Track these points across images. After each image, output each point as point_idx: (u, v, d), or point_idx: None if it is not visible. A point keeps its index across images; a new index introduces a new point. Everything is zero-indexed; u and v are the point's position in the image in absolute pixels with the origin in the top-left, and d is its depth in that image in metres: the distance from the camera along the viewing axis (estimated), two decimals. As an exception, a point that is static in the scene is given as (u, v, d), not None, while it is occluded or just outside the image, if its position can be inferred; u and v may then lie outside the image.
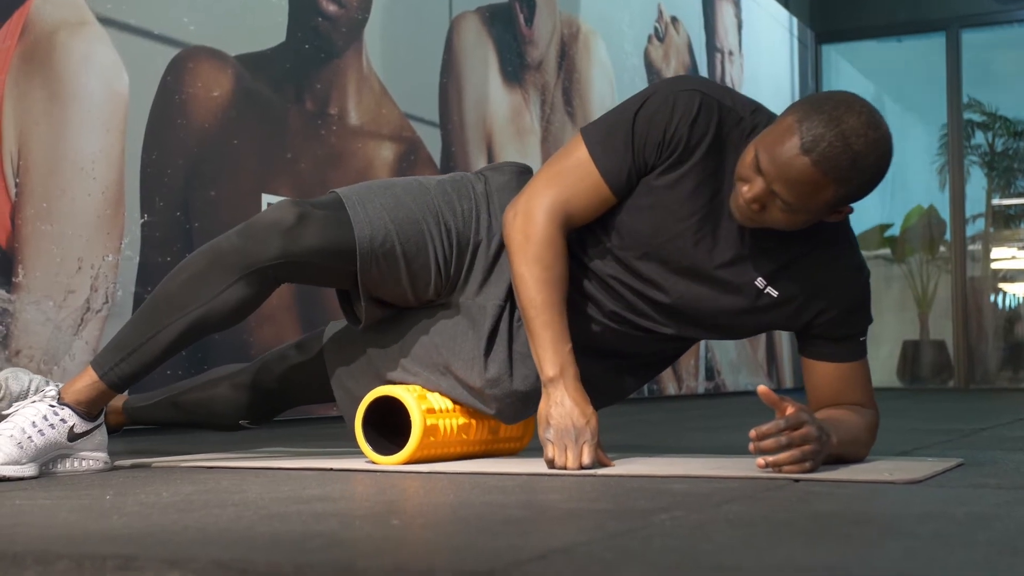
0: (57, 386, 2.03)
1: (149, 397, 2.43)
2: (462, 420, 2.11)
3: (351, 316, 2.16)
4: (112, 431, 2.43)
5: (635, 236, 2.02)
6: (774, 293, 2.01)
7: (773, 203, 1.87)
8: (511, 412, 2.12)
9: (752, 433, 1.76)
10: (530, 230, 1.98)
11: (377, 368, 2.14)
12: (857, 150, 1.79)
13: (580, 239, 2.05)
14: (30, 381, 2.09)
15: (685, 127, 1.95)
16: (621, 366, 2.17)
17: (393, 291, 2.09)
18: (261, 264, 1.98)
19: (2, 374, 2.08)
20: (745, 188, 1.88)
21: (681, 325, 2.08)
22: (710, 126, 1.96)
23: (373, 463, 2.04)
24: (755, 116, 1.99)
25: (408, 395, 2.04)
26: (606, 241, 2.05)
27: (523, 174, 2.20)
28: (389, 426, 2.10)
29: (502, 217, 2.08)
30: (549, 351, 1.95)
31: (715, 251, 2.00)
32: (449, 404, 2.10)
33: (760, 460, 1.76)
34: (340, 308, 2.18)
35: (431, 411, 2.05)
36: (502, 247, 2.11)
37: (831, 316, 2.03)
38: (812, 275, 2.02)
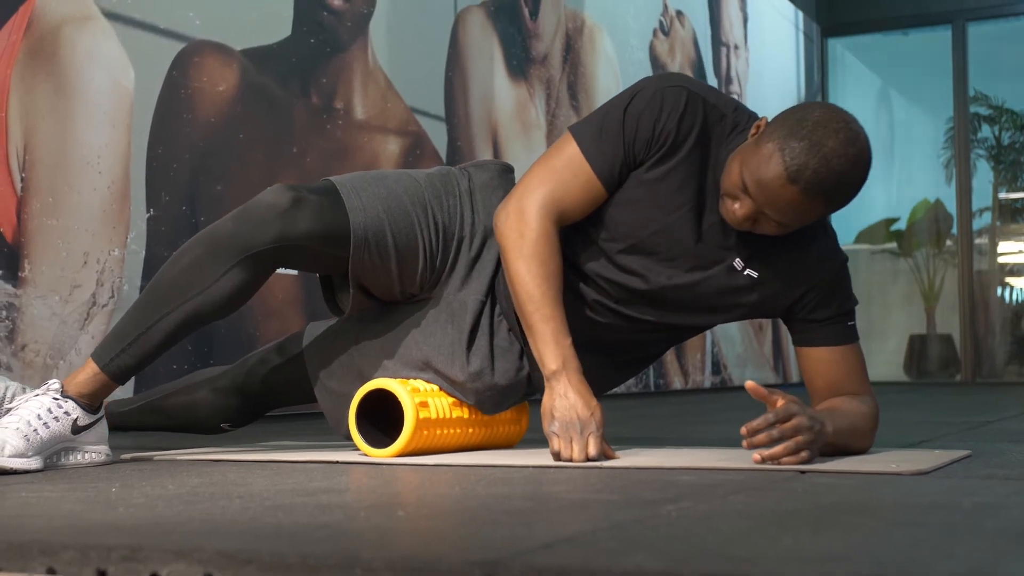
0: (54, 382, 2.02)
1: (129, 402, 2.41)
2: (452, 400, 2.12)
3: (333, 306, 2.18)
4: None
5: (623, 229, 2.04)
6: (753, 274, 2.05)
7: (765, 219, 1.93)
8: (491, 404, 2.15)
9: (743, 430, 1.77)
10: (524, 227, 1.99)
11: (358, 368, 2.16)
12: (841, 171, 1.84)
13: (563, 234, 2.06)
14: (6, 388, 2.06)
15: (673, 122, 1.99)
16: (606, 363, 2.18)
17: (381, 282, 2.10)
18: (258, 248, 1.98)
19: None
20: (736, 206, 1.93)
21: (662, 311, 2.10)
22: (696, 121, 2.00)
23: (370, 457, 2.04)
24: (736, 114, 2.04)
25: (396, 384, 2.05)
26: (592, 235, 2.07)
27: (505, 173, 2.23)
28: (382, 422, 2.10)
29: (492, 217, 2.10)
30: (551, 345, 1.95)
31: (699, 243, 2.04)
32: (437, 389, 2.12)
33: (756, 455, 1.78)
34: (323, 298, 2.19)
35: (417, 390, 2.06)
36: (483, 245, 2.14)
37: (811, 299, 2.07)
38: (789, 257, 2.05)
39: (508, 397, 2.16)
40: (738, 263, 2.04)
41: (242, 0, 3.59)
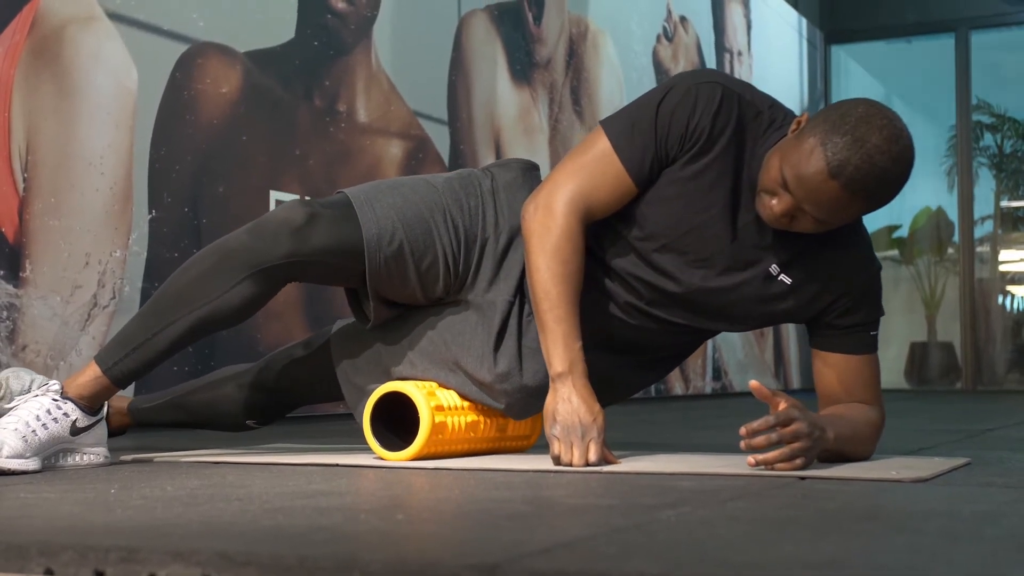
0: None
1: (154, 398, 2.42)
2: (471, 418, 2.10)
3: (360, 315, 2.15)
4: (117, 433, 2.43)
5: (656, 228, 2.01)
6: (787, 280, 2.02)
7: (803, 216, 1.89)
8: (520, 407, 2.11)
9: (742, 430, 1.76)
10: (550, 223, 1.96)
11: (386, 365, 2.13)
12: (883, 168, 1.81)
13: (595, 232, 2.04)
14: (31, 381, 2.08)
15: (708, 118, 1.95)
16: (634, 363, 2.17)
17: (402, 290, 2.08)
18: (269, 263, 1.98)
19: (3, 373, 2.08)
20: (774, 202, 1.89)
21: (693, 315, 2.07)
22: (731, 118, 1.96)
23: (381, 459, 2.04)
24: (772, 111, 2.00)
25: (417, 391, 2.04)
26: (625, 233, 2.04)
27: (530, 171, 2.20)
28: (398, 422, 2.10)
29: (520, 211, 2.07)
30: (560, 346, 1.94)
31: (733, 242, 2.01)
32: (458, 401, 2.10)
33: (751, 459, 1.77)
34: (349, 306, 2.17)
35: (440, 408, 2.04)
36: (510, 243, 2.11)
37: (841, 305, 2.04)
38: (825, 263, 2.02)
39: (539, 399, 2.09)
40: (774, 268, 2.01)
41: (246, 2, 3.59)
